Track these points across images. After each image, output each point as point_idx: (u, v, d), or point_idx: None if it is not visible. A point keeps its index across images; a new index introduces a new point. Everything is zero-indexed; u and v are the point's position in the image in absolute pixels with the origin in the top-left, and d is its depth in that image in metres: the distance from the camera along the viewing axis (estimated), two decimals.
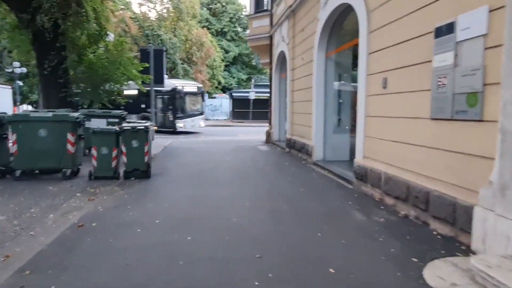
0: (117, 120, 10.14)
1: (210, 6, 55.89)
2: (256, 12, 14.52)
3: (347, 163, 8.34)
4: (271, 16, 13.44)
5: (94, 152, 7.17)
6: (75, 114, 7.36)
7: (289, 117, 11.13)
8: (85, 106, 12.31)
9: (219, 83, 51.01)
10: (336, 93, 8.53)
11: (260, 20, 14.34)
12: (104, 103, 12.54)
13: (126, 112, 11.10)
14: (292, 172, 7.72)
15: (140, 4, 36.66)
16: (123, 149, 7.25)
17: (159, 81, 15.74)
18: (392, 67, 5.01)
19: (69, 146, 7.19)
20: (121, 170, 7.38)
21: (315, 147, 8.57)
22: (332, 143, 8.59)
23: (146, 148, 7.32)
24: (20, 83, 24.96)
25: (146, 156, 7.34)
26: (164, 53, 16.35)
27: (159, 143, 14.33)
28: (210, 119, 39.81)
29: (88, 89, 12.37)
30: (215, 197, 5.66)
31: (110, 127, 7.80)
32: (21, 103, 27.95)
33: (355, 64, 11.99)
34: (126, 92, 15.63)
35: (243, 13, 55.28)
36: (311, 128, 8.80)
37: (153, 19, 36.32)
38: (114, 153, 7.25)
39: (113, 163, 7.27)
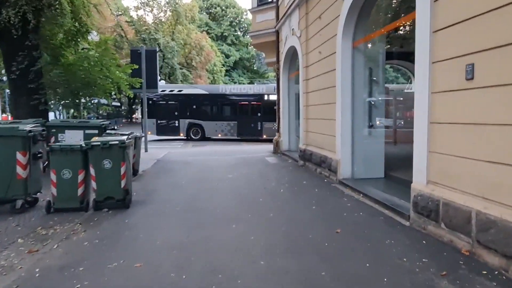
0: (96, 131, 8.37)
1: (209, 11, 54.51)
2: (259, 5, 12.79)
3: (383, 182, 6.54)
4: (277, 8, 11.69)
5: (53, 176, 5.38)
6: (27, 127, 5.56)
7: (303, 124, 9.33)
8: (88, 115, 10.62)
9: None
10: (367, 92, 6.73)
11: (265, 13, 12.60)
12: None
13: (108, 122, 9.35)
14: (315, 197, 5.88)
15: (137, 8, 35.04)
16: (92, 171, 5.47)
17: (152, 85, 14.09)
18: (484, 47, 3.22)
19: (19, 170, 5.40)
20: (92, 199, 5.61)
21: (341, 162, 6.76)
22: (362, 156, 6.78)
23: (122, 170, 5.54)
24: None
25: (123, 180, 5.55)
26: (157, 54, 14.70)
27: (153, 155, 12.58)
28: None
29: (69, 97, 10.61)
30: (213, 248, 3.83)
31: (74, 143, 6.00)
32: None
33: (390, 56, 10.24)
34: None
35: (244, 16, 53.93)
36: (335, 138, 6.99)
37: (150, 23, 34.75)
38: (80, 176, 5.46)
39: (79, 190, 5.47)
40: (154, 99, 21.12)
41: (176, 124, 20.84)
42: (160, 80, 29.29)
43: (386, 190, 5.75)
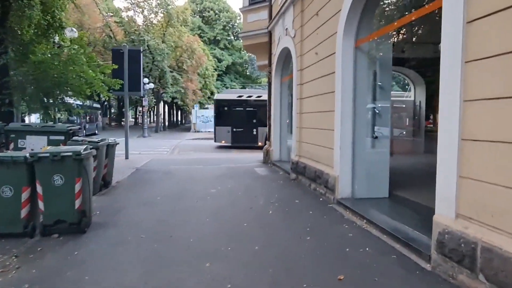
0: (62, 137, 7.37)
1: (202, 14, 53.73)
2: (251, 4, 11.93)
3: (388, 203, 5.65)
4: (270, 7, 10.84)
5: None
6: None
7: (296, 133, 8.42)
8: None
9: (212, 93, 48.51)
10: (370, 99, 5.85)
11: (257, 13, 11.74)
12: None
13: (78, 127, 8.35)
14: (309, 223, 4.93)
15: (127, 9, 34.02)
16: (39, 189, 4.48)
17: (135, 87, 13.10)
18: None
19: None
20: (39, 222, 4.62)
21: (339, 179, 5.85)
22: (364, 172, 5.88)
23: (77, 187, 4.56)
24: None
25: (78, 200, 4.57)
26: (142, 55, 13.74)
27: (133, 162, 11.58)
28: (201, 131, 37.15)
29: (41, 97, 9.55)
30: None
31: (15, 153, 4.98)
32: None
33: (397, 60, 9.27)
34: None
35: (237, 21, 53.19)
36: (333, 151, 6.09)
37: (140, 24, 33.75)
38: (24, 195, 4.47)
39: (23, 212, 4.47)
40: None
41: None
42: (148, 83, 28.32)
43: (394, 216, 4.84)
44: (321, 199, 6.31)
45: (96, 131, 22.33)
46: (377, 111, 5.79)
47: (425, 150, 13.77)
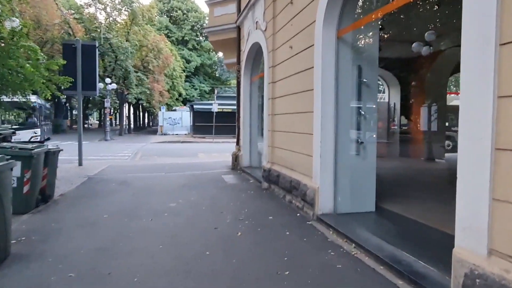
0: None
1: (170, 14, 52.14)
2: None
3: (376, 219, 4.87)
4: (239, 0, 9.94)
5: None
6: None
7: (267, 137, 7.54)
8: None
9: (180, 94, 47.12)
10: (355, 98, 5.04)
11: (224, 6, 10.79)
12: None
13: (11, 131, 7.06)
14: (287, 249, 4.03)
15: (88, 5, 32.03)
16: None
17: (90, 86, 11.79)
18: None
19: None
20: None
21: (320, 192, 5.00)
22: (348, 183, 5.07)
23: None
24: None
25: None
26: (97, 50, 12.42)
27: (87, 170, 10.32)
28: (168, 134, 35.67)
29: None
30: None
31: None
32: None
33: (387, 46, 8.48)
34: None
35: (206, 21, 51.94)
36: (312, 159, 5.24)
37: (103, 21, 31.90)
38: None
39: None
40: None
41: None
42: (111, 83, 26.63)
43: (387, 237, 4.04)
44: (298, 214, 5.43)
45: (44, 137, 19.37)
46: (363, 113, 4.99)
47: (400, 154, 13.30)
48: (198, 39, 52.69)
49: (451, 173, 9.21)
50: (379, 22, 5.02)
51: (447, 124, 13.68)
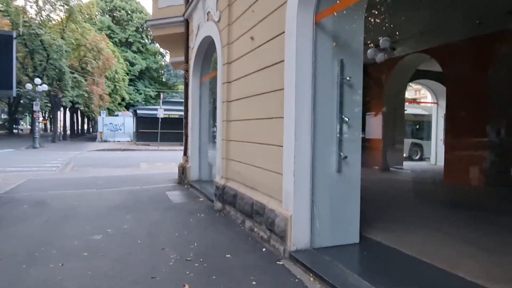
0: None
1: (113, 14, 49.09)
2: None
3: (362, 254, 3.83)
4: None
5: None
6: None
7: (222, 148, 6.29)
8: None
9: (123, 99, 44.22)
10: (337, 102, 3.97)
11: None
12: None
13: None
14: None
15: None
16: None
17: (6, 84, 9.77)
18: None
19: None
20: None
21: (294, 221, 3.84)
22: (328, 209, 3.98)
23: None
24: None
25: None
26: (15, 42, 10.40)
27: (2, 184, 8.41)
28: (109, 141, 32.97)
29: None
30: None
31: None
32: None
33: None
34: None
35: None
36: (281, 177, 4.08)
37: (33, 16, 28.66)
38: None
39: None
40: None
41: None
42: (41, 84, 23.75)
43: (384, 282, 2.98)
44: (264, 249, 4.23)
45: None
46: (346, 119, 3.94)
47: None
48: (143, 41, 50.11)
49: (420, 186, 8.68)
50: (365, 6, 4.03)
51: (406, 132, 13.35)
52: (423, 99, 29.99)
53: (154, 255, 4.04)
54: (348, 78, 3.95)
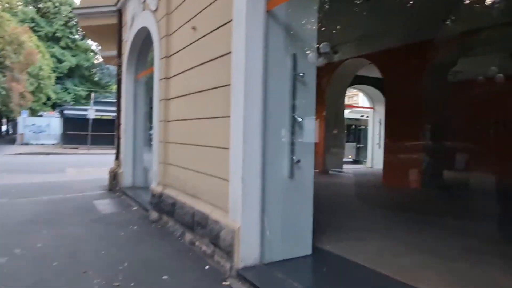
0: None
1: (38, 5, 45.00)
2: None
3: (315, 266, 3.50)
4: None
5: None
6: None
7: (159, 151, 5.65)
8: None
9: (49, 98, 40.56)
10: (289, 101, 3.59)
11: None
12: None
13: None
14: None
15: None
16: None
17: None
18: None
19: None
20: None
21: (242, 234, 3.38)
22: (279, 219, 3.57)
23: None
24: None
25: None
26: None
27: None
28: (31, 144, 29.93)
29: None
30: None
31: None
32: None
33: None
34: None
35: None
36: (227, 184, 3.61)
37: None
38: None
39: None
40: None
41: None
42: None
43: None
44: (207, 267, 3.70)
45: None
46: (299, 119, 3.58)
47: None
48: (73, 37, 46.52)
49: (362, 189, 8.71)
50: None
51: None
52: (355, 104, 31.37)
53: (73, 281, 3.32)
54: (301, 74, 3.59)
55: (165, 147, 5.48)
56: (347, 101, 19.07)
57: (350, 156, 15.83)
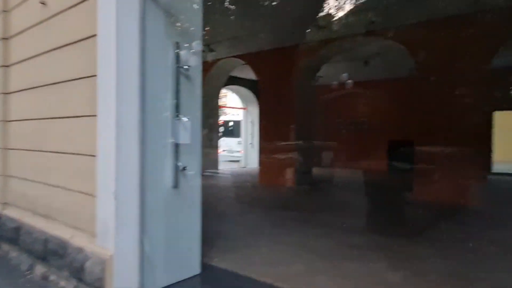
0: None
1: None
2: None
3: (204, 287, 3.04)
4: None
5: None
6: None
7: None
8: None
9: None
10: (171, 98, 3.04)
11: None
12: None
13: None
14: None
15: None
16: None
17: None
18: None
19: None
20: None
21: (114, 264, 2.69)
22: (162, 238, 3.00)
23: None
24: None
25: None
26: None
27: None
28: None
29: None
30: None
31: None
32: None
33: None
34: None
35: None
36: (95, 201, 2.86)
37: None
38: None
39: None
40: None
41: None
42: None
43: None
44: None
45: None
46: (185, 120, 3.07)
47: None
48: None
49: (240, 191, 8.59)
50: None
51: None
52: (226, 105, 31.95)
53: None
54: (186, 67, 3.09)
55: (4, 155, 4.25)
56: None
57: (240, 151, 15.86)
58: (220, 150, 14.21)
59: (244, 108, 16.06)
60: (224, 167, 13.74)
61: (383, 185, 9.33)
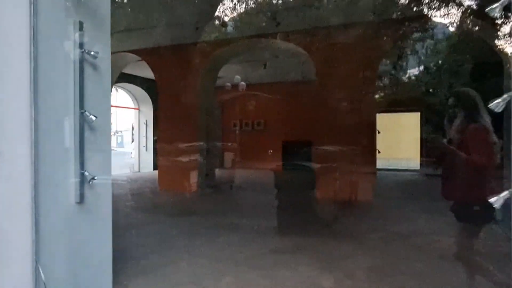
0: None
1: None
2: None
3: None
4: None
5: None
6: None
7: None
8: None
9: None
10: (73, 89, 2.43)
11: None
12: None
13: None
14: None
15: None
16: None
17: None
18: None
19: None
20: None
21: None
22: (65, 265, 2.38)
23: None
24: None
25: None
26: None
27: None
28: None
29: None
30: None
31: None
32: None
33: None
34: None
35: None
36: None
37: None
38: None
39: None
40: None
41: None
42: None
43: None
44: None
45: None
46: (92, 119, 2.49)
47: None
48: None
49: (142, 199, 7.82)
50: None
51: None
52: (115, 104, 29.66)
53: None
54: (93, 53, 2.51)
55: None
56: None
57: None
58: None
59: (136, 108, 14.95)
60: (115, 173, 12.53)
61: (284, 185, 9.61)
